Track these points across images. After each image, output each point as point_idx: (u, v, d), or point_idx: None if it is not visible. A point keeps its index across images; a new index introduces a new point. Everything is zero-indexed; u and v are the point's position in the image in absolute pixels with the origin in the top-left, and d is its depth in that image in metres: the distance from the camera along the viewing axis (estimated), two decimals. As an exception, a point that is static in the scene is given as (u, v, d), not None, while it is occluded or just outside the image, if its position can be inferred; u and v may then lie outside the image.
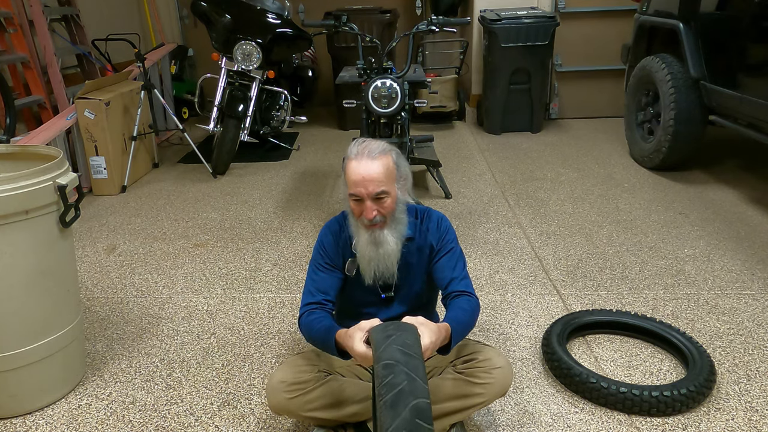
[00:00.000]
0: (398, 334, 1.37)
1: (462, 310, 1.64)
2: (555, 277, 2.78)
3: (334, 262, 1.77)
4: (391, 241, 1.68)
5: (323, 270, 1.77)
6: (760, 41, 3.14)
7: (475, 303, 1.69)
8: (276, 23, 4.35)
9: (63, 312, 2.00)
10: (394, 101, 2.93)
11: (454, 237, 1.79)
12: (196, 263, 3.03)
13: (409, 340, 1.35)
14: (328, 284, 1.76)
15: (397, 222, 1.69)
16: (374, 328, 1.43)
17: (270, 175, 4.40)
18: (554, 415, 1.89)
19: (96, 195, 4.07)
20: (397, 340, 1.34)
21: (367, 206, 1.62)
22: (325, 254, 1.77)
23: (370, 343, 1.42)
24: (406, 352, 1.32)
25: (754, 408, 1.90)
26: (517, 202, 3.69)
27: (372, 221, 1.64)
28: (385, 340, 1.36)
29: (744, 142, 4.63)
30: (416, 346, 1.35)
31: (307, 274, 1.80)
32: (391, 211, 1.66)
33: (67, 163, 1.98)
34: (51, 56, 4.37)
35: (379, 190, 1.61)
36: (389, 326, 1.41)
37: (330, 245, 1.78)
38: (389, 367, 1.29)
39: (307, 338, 1.71)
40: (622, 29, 5.19)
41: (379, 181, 1.60)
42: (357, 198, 1.63)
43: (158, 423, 1.92)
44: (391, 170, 1.64)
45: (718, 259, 2.88)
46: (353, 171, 1.61)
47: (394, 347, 1.33)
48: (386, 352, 1.33)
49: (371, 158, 1.61)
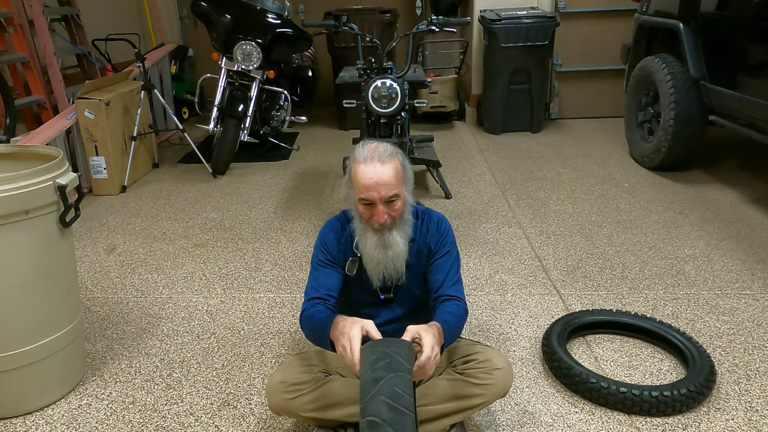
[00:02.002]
0: (387, 377, 1.28)
1: (452, 315, 1.64)
2: (555, 277, 2.78)
3: (336, 259, 1.77)
4: (400, 242, 1.69)
5: (325, 267, 1.76)
6: (760, 41, 3.14)
7: (464, 309, 1.70)
8: (276, 23, 4.35)
9: (63, 312, 2.00)
10: (394, 101, 2.93)
11: (453, 240, 1.79)
12: (196, 263, 3.03)
13: (400, 387, 1.27)
14: (331, 281, 1.75)
15: (405, 223, 1.70)
16: (365, 353, 1.36)
17: (270, 175, 4.40)
18: (554, 415, 1.89)
19: (96, 195, 4.07)
20: (385, 388, 1.26)
21: (378, 210, 1.62)
22: (327, 251, 1.77)
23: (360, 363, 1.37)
24: (395, 407, 1.24)
25: (754, 408, 1.90)
26: (517, 202, 3.69)
27: (383, 225, 1.64)
28: (372, 385, 1.28)
29: (744, 142, 4.63)
30: (407, 389, 1.28)
31: (310, 271, 1.80)
32: (401, 213, 1.67)
33: (67, 163, 1.98)
34: (51, 56, 4.37)
35: (391, 194, 1.61)
36: (379, 357, 1.32)
37: (332, 243, 1.78)
38: (374, 426, 1.23)
39: (307, 332, 1.70)
40: (622, 29, 5.19)
41: (391, 184, 1.61)
42: (368, 202, 1.63)
43: (158, 423, 1.92)
44: (400, 173, 1.65)
45: (718, 259, 2.88)
46: (364, 175, 1.61)
47: (381, 399, 1.25)
48: (372, 406, 1.25)
49: (381, 162, 1.61)
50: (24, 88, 4.39)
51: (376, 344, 1.38)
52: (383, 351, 1.34)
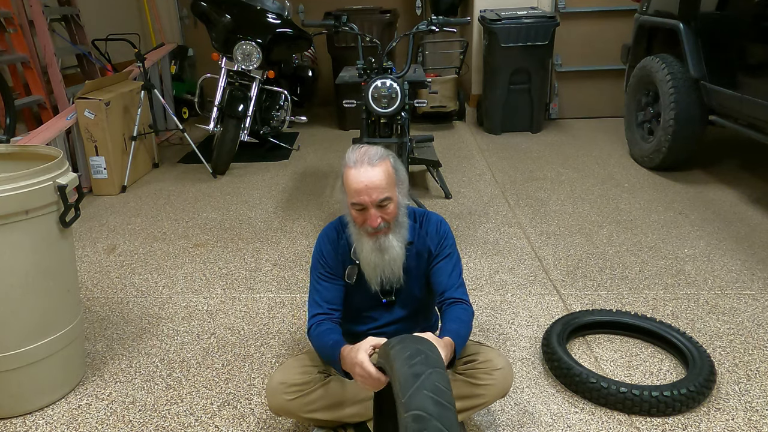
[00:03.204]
0: (428, 373, 1.22)
1: (461, 322, 1.64)
2: (555, 277, 2.78)
3: (335, 270, 1.76)
4: (396, 246, 1.67)
5: (325, 280, 1.76)
6: (760, 41, 3.14)
7: (471, 313, 1.70)
8: (276, 23, 4.35)
9: (63, 312, 2.00)
10: (394, 101, 2.93)
11: (453, 242, 1.79)
12: (196, 263, 3.03)
13: (441, 383, 1.21)
14: (333, 294, 1.75)
15: (400, 226, 1.68)
16: (395, 349, 1.29)
17: (270, 175, 4.40)
18: (554, 415, 1.89)
19: (96, 195, 4.07)
20: (427, 383, 1.20)
21: (371, 214, 1.61)
22: (325, 264, 1.76)
23: (384, 365, 1.31)
24: (439, 402, 1.17)
25: (754, 408, 1.90)
26: (517, 202, 3.69)
27: (377, 228, 1.63)
28: (414, 379, 1.21)
29: (744, 142, 4.63)
30: (448, 388, 1.22)
31: (310, 283, 1.80)
32: (395, 216, 1.65)
33: (67, 163, 1.98)
34: (51, 56, 4.37)
35: (382, 197, 1.60)
36: (413, 353, 1.26)
37: (329, 254, 1.77)
38: (421, 420, 1.15)
39: (317, 351, 1.73)
40: (622, 29, 5.19)
41: (382, 188, 1.59)
42: (360, 207, 1.61)
43: (158, 423, 1.92)
44: (391, 175, 1.63)
45: (718, 259, 2.88)
46: (354, 180, 1.59)
47: (425, 394, 1.18)
48: (416, 400, 1.18)
49: (371, 165, 1.59)
50: (24, 88, 4.39)
51: (404, 340, 1.33)
52: (416, 348, 1.29)
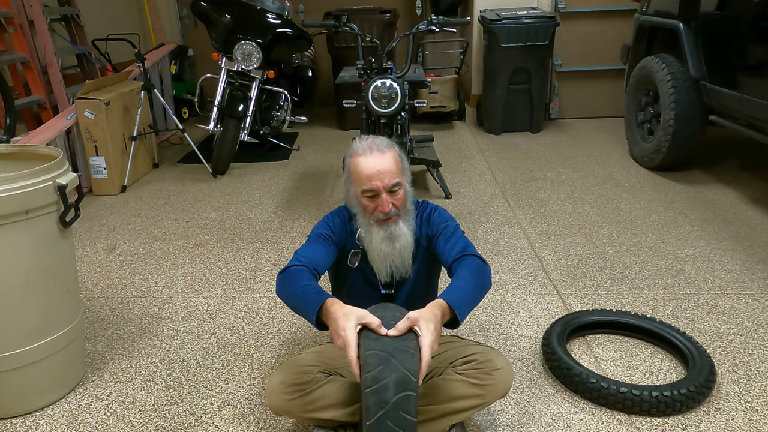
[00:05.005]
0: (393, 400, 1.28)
1: (461, 278, 1.60)
2: (555, 277, 2.78)
3: (338, 239, 1.78)
4: (406, 233, 1.71)
5: (325, 240, 1.75)
6: (760, 41, 3.14)
7: (475, 263, 1.64)
8: (276, 23, 4.35)
9: (63, 312, 2.00)
10: (394, 101, 2.93)
11: (448, 216, 1.80)
12: (196, 263, 3.03)
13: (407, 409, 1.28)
14: (323, 258, 1.73)
15: (408, 214, 1.73)
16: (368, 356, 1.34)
17: (270, 175, 4.40)
18: (554, 415, 1.89)
19: (96, 195, 4.07)
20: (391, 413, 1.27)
21: (383, 199, 1.65)
22: (331, 229, 1.78)
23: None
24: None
25: (754, 408, 1.90)
26: (517, 202, 3.69)
27: (388, 215, 1.66)
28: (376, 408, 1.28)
29: (744, 142, 4.63)
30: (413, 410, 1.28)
31: (307, 239, 1.78)
32: (404, 203, 1.70)
33: (67, 163, 1.98)
34: (51, 56, 4.37)
35: (394, 182, 1.65)
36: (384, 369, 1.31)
37: (338, 225, 1.79)
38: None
39: (285, 290, 1.64)
40: (622, 29, 5.19)
41: (393, 172, 1.64)
42: (371, 194, 1.65)
43: (158, 423, 1.92)
44: (399, 162, 1.68)
45: (718, 259, 2.88)
46: (365, 166, 1.64)
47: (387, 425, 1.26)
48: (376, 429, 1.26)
49: (381, 152, 1.65)
50: (24, 88, 4.39)
51: (379, 345, 1.35)
52: (388, 358, 1.32)
